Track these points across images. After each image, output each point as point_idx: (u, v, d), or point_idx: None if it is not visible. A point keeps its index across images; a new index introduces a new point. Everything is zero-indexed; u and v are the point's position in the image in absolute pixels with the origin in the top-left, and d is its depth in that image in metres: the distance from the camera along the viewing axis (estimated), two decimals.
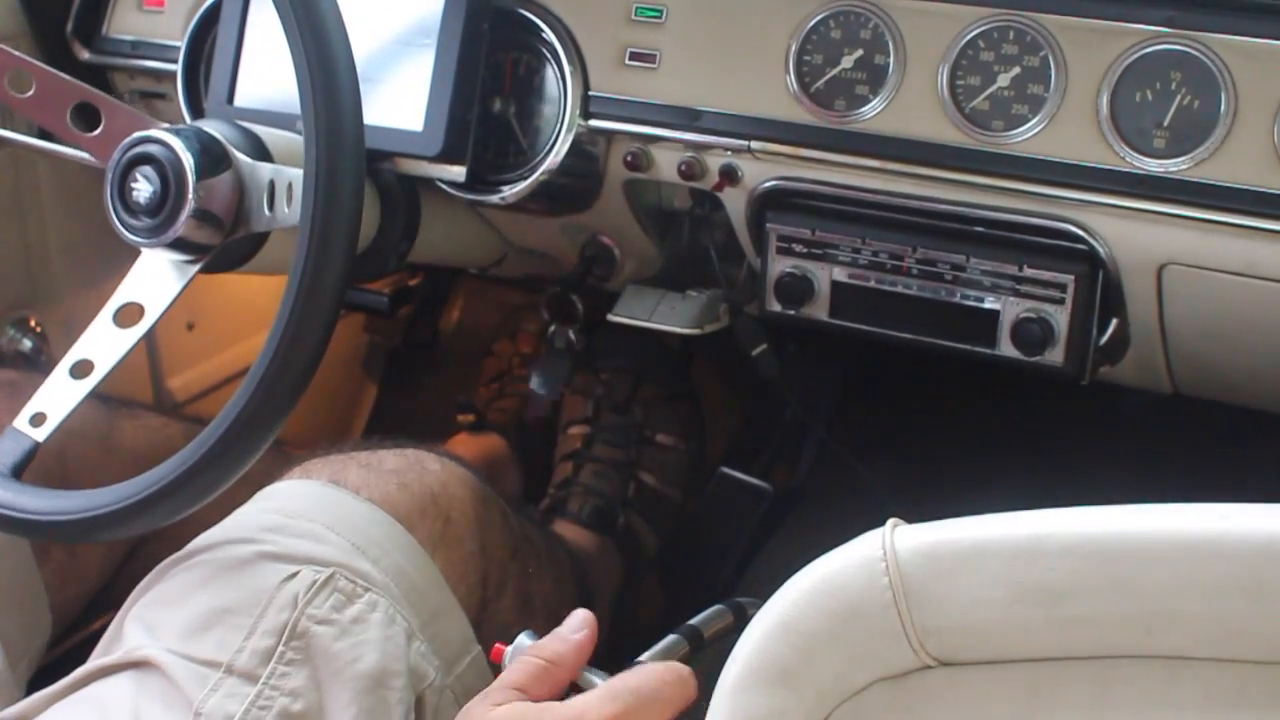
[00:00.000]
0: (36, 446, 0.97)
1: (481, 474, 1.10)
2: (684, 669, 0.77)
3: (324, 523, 0.97)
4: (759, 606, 0.86)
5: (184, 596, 0.94)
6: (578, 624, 0.81)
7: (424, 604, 0.96)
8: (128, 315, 1.02)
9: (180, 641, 0.91)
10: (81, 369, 1.00)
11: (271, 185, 1.03)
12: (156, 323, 1.01)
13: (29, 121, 1.37)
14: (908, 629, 0.64)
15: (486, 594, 1.05)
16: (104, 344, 1.01)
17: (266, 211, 1.03)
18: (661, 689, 0.76)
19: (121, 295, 1.03)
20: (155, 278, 1.04)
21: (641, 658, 0.82)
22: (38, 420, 0.98)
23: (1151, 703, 0.63)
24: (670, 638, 0.86)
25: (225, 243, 1.04)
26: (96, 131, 1.08)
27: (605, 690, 0.76)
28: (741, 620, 0.90)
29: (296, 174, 1.01)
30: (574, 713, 0.74)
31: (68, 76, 1.10)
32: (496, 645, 0.84)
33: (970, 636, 0.64)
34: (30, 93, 1.10)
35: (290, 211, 1.01)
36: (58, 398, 0.99)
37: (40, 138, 1.20)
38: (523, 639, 0.83)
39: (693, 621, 0.88)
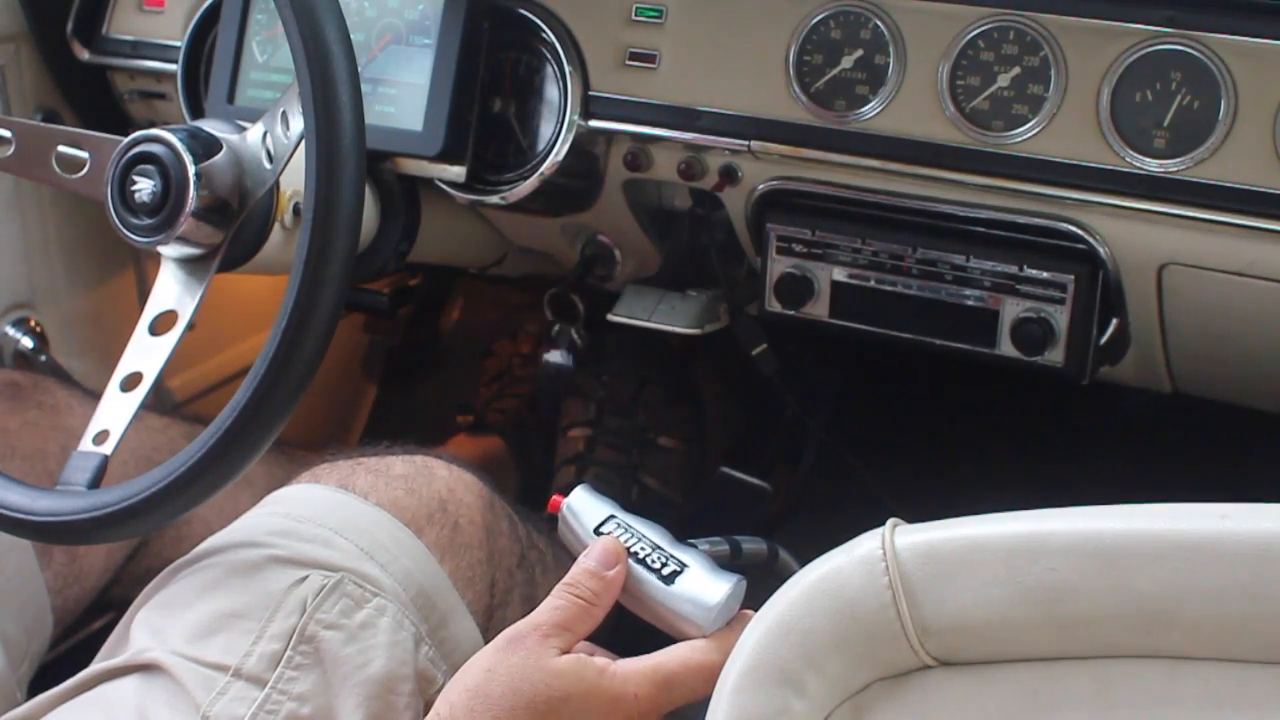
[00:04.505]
0: (105, 460, 0.98)
1: (490, 480, 1.09)
2: (713, 664, 0.80)
3: (332, 527, 0.96)
4: (791, 557, 0.90)
5: (192, 599, 0.94)
6: (611, 558, 0.85)
7: (432, 609, 0.96)
8: (161, 324, 1.04)
9: (187, 644, 0.90)
10: (131, 381, 1.01)
11: (265, 137, 1.03)
12: (189, 324, 1.03)
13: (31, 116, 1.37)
14: (907, 629, 0.64)
15: (494, 600, 1.05)
16: (147, 354, 1.02)
17: (267, 165, 1.03)
18: (699, 678, 0.80)
19: (153, 306, 1.04)
20: (179, 283, 1.05)
21: (694, 540, 0.89)
22: (101, 438, 0.99)
23: (1151, 703, 0.63)
24: (716, 538, 0.92)
25: (236, 227, 1.04)
26: (84, 171, 1.07)
27: (653, 674, 0.81)
28: (773, 559, 0.97)
29: (292, 105, 0.99)
30: (629, 690, 0.80)
31: (43, 124, 1.09)
32: (555, 497, 0.91)
33: (970, 636, 0.65)
34: (10, 151, 1.09)
35: (291, 134, 0.99)
36: (115, 413, 1.00)
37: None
38: (580, 492, 0.91)
39: (737, 537, 0.94)
